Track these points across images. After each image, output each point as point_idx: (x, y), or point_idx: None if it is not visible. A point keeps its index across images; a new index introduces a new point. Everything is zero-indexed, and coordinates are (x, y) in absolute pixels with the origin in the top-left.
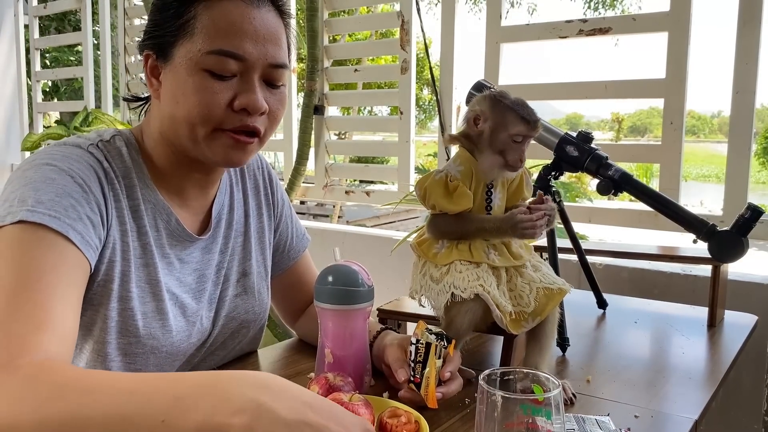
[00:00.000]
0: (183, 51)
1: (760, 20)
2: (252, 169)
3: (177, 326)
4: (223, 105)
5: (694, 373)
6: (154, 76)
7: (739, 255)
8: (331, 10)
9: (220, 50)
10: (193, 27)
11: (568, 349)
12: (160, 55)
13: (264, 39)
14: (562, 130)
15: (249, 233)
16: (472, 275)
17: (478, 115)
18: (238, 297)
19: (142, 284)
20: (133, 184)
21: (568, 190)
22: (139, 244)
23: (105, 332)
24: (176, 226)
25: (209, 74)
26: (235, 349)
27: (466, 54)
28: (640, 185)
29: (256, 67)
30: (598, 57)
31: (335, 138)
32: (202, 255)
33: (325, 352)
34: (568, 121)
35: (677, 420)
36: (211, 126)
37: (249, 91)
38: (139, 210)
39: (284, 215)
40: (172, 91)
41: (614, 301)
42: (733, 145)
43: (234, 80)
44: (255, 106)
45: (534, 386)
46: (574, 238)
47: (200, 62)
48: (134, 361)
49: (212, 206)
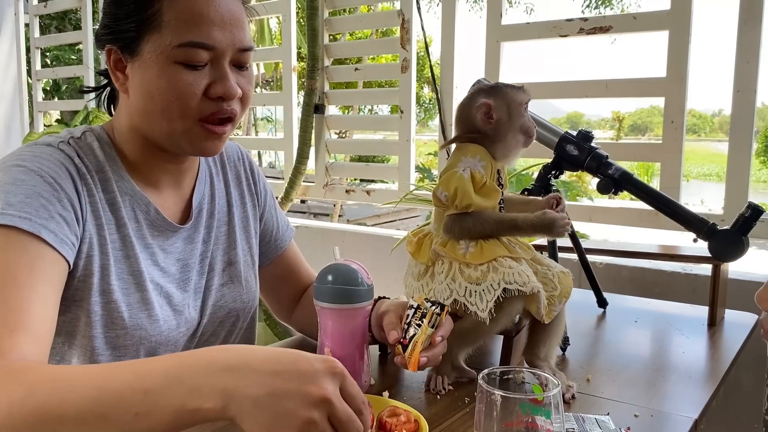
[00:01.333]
0: (151, 45)
1: (760, 19)
2: (233, 161)
3: (164, 315)
4: (199, 95)
5: (694, 372)
6: (119, 71)
7: (740, 254)
8: (331, 9)
9: (190, 42)
10: (159, 20)
11: (568, 348)
12: (125, 50)
13: (230, 25)
14: (562, 129)
15: (233, 222)
16: (525, 270)
17: (489, 108)
18: (225, 286)
19: (124, 276)
20: (107, 177)
21: (569, 189)
22: (118, 236)
23: (90, 327)
24: (156, 216)
25: (182, 66)
26: (228, 341)
27: (467, 53)
28: (640, 184)
29: (225, 53)
30: (599, 56)
31: (336, 137)
32: (185, 245)
33: (325, 351)
34: (568, 119)
35: (677, 419)
36: (189, 118)
37: (223, 79)
38: (115, 202)
39: (268, 205)
40: (145, 87)
41: (614, 300)
42: (734, 143)
43: (206, 69)
44: (230, 92)
45: (533, 386)
46: (575, 237)
47: (171, 55)
48: (124, 354)
49: (192, 196)
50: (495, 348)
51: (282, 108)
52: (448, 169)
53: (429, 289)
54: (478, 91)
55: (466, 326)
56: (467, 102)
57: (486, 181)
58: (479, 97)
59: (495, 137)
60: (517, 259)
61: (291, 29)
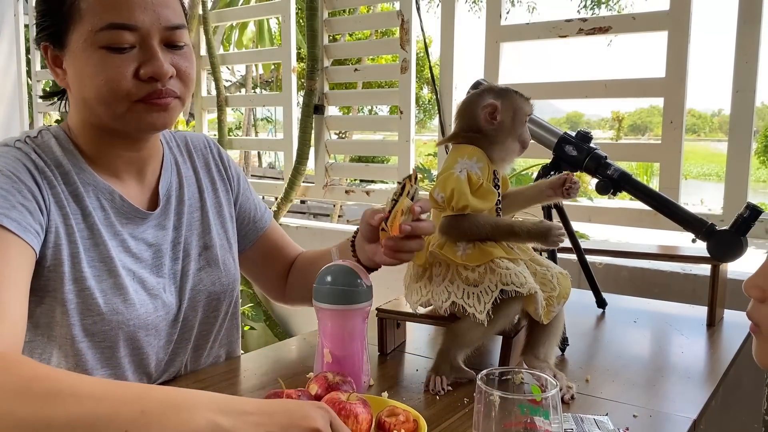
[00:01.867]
0: (77, 35)
1: (760, 19)
2: (199, 149)
3: (139, 299)
4: (129, 77)
5: (694, 372)
6: (57, 66)
7: (738, 254)
8: (331, 10)
9: (110, 24)
10: (79, 9)
11: (567, 349)
12: (57, 44)
13: (152, 4)
14: (561, 130)
15: (205, 208)
16: (522, 271)
17: (495, 109)
18: (202, 270)
19: (95, 263)
20: (66, 170)
21: None
22: (85, 226)
23: (67, 315)
24: (122, 203)
25: (107, 50)
26: (213, 326)
27: (466, 53)
28: (638, 184)
29: (152, 33)
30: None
31: (335, 137)
32: (156, 231)
33: (324, 351)
34: (568, 119)
35: (676, 419)
36: (124, 100)
37: (151, 59)
38: (78, 193)
39: (242, 188)
40: (77, 76)
41: (614, 300)
42: (733, 143)
43: (134, 51)
44: (160, 72)
45: (532, 386)
46: (574, 237)
47: (95, 41)
48: (103, 340)
49: (159, 184)
50: (494, 348)
51: (282, 109)
52: (445, 170)
53: (427, 290)
54: (488, 91)
55: (465, 327)
56: (473, 99)
57: (482, 183)
58: (487, 97)
59: (494, 139)
60: (515, 260)
61: (290, 30)
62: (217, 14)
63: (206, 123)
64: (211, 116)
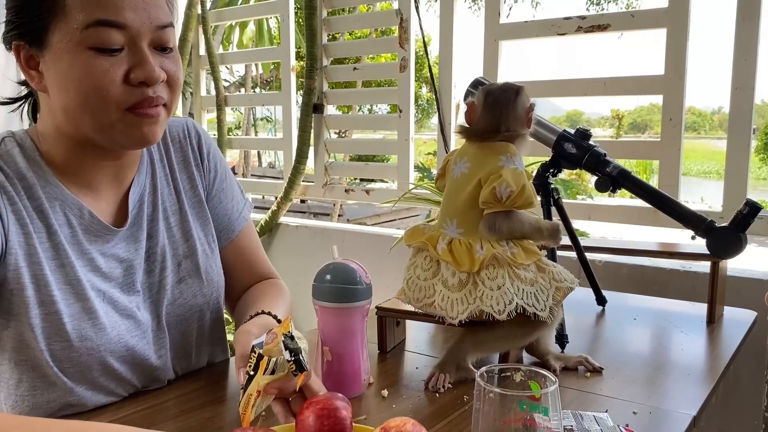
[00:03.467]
0: (59, 33)
1: (758, 16)
2: (177, 141)
3: (110, 322)
4: (118, 81)
5: (693, 369)
6: (32, 68)
7: (738, 251)
8: (330, 9)
9: (98, 20)
10: (63, 4)
11: (567, 346)
12: (34, 44)
13: (144, 2)
14: (560, 127)
15: (184, 209)
16: (562, 268)
17: (532, 109)
18: (182, 282)
19: (62, 286)
20: (31, 184)
21: (568, 188)
22: (50, 245)
23: (35, 341)
24: (91, 220)
25: (95, 51)
26: (201, 335)
27: (465, 51)
28: (638, 182)
29: (142, 34)
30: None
31: (335, 136)
32: (127, 245)
33: (324, 350)
34: (568, 118)
35: (676, 416)
36: (113, 109)
37: (143, 62)
38: (43, 209)
39: (216, 187)
40: (59, 81)
41: (613, 297)
42: (733, 141)
43: (123, 53)
44: (152, 76)
45: (531, 383)
46: (574, 235)
47: (82, 40)
48: (74, 366)
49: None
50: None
51: (281, 108)
52: (494, 166)
53: (475, 297)
54: (520, 89)
55: (495, 336)
56: (515, 100)
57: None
58: (526, 98)
59: (524, 141)
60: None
61: (290, 29)
62: (217, 14)
63: (206, 123)
64: (210, 116)
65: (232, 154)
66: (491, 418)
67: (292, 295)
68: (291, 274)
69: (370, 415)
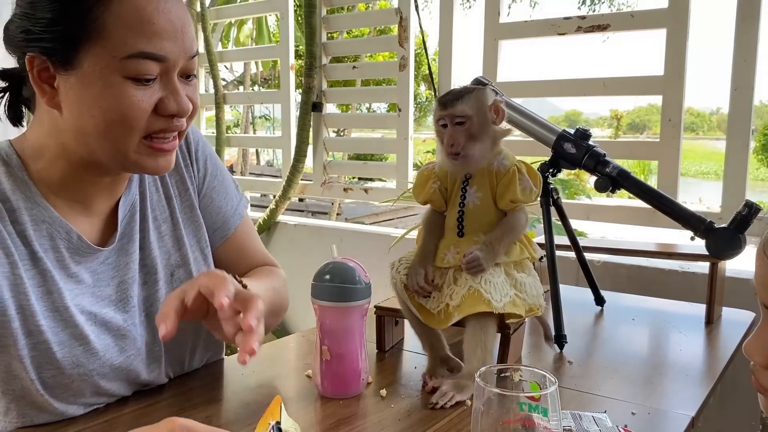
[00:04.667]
0: (94, 57)
1: (758, 17)
2: None
3: (103, 346)
4: (148, 112)
5: (692, 369)
6: (45, 82)
7: (737, 252)
8: (329, 7)
9: (141, 53)
10: (101, 28)
11: (566, 346)
12: (58, 61)
13: (181, 32)
14: (559, 127)
15: (175, 216)
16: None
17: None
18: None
19: (48, 314)
20: (16, 207)
21: (567, 187)
22: (36, 272)
23: (24, 371)
24: (79, 243)
25: (131, 81)
26: (197, 342)
27: (464, 51)
28: (637, 182)
29: (177, 65)
30: (597, 54)
31: (333, 135)
32: (118, 259)
33: (322, 349)
34: (567, 118)
35: (674, 416)
36: (134, 136)
37: (175, 94)
38: (27, 235)
39: (207, 186)
40: (84, 104)
41: (612, 298)
42: (732, 142)
43: (155, 83)
44: (184, 108)
45: (531, 383)
46: (572, 235)
47: (119, 69)
48: (64, 392)
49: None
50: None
51: (280, 106)
52: (511, 161)
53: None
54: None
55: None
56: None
57: None
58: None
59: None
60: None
61: (289, 27)
62: (216, 11)
63: (204, 121)
64: (209, 114)
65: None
66: (490, 418)
67: (290, 293)
68: (289, 272)
69: (369, 415)
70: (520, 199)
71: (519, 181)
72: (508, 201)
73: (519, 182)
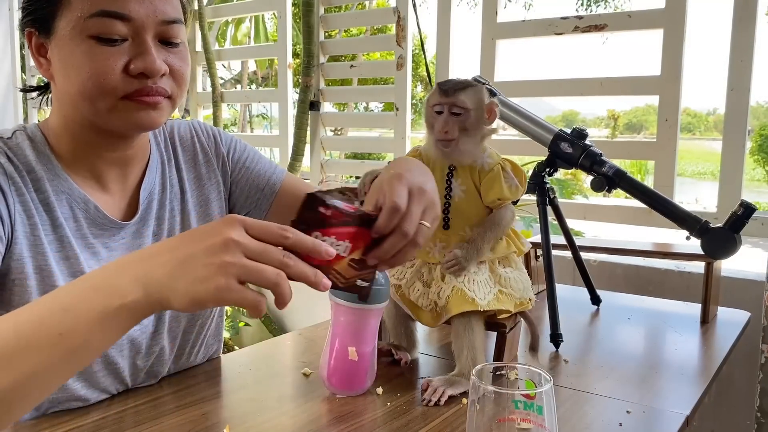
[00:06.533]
0: (64, 21)
1: (754, 17)
2: (185, 141)
3: None
4: (117, 71)
5: (687, 369)
6: (41, 55)
7: (732, 252)
8: (327, 6)
9: (101, 11)
10: None
11: (562, 345)
12: (42, 31)
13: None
14: (556, 127)
15: (186, 210)
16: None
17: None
18: None
19: (66, 277)
20: (38, 177)
21: (564, 187)
22: (55, 237)
23: None
24: (96, 213)
25: (96, 40)
26: (201, 332)
27: (462, 50)
28: (633, 182)
29: (146, 26)
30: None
31: (331, 134)
32: (133, 240)
33: (349, 350)
34: (564, 118)
35: (669, 415)
36: (110, 96)
37: (143, 54)
38: (49, 202)
39: (240, 161)
40: (62, 67)
41: (608, 297)
42: (728, 142)
43: (126, 44)
44: (152, 68)
45: (526, 381)
46: (569, 234)
47: (84, 29)
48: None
49: (140, 188)
50: (488, 344)
51: (277, 105)
52: (496, 159)
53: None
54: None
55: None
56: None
57: None
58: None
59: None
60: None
61: (287, 26)
62: (213, 10)
63: (202, 119)
64: (206, 112)
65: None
66: (485, 416)
67: (295, 290)
68: None
69: (365, 412)
70: (507, 196)
71: (504, 179)
72: (494, 198)
73: (504, 180)
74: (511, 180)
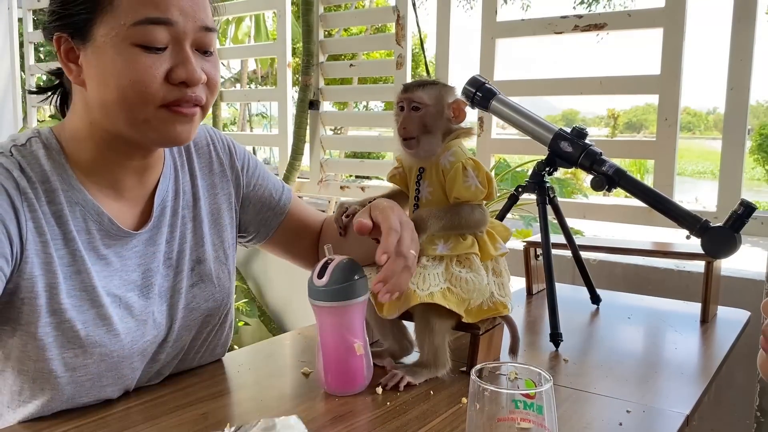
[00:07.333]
0: (105, 28)
1: (754, 17)
2: (202, 148)
3: (125, 328)
4: (159, 79)
5: (687, 368)
6: (70, 61)
7: (732, 251)
8: (326, 5)
9: (147, 18)
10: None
11: (561, 344)
12: (76, 36)
13: (191, 2)
14: (556, 126)
15: (199, 218)
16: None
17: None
18: (195, 287)
19: (75, 293)
20: (53, 188)
21: (563, 186)
22: (67, 252)
23: (44, 350)
24: (110, 225)
25: (140, 48)
26: (207, 340)
27: (462, 49)
28: (633, 181)
29: (187, 33)
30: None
31: (330, 133)
32: (146, 248)
33: (355, 346)
34: (564, 117)
35: (669, 415)
36: (149, 104)
37: (185, 62)
38: (62, 215)
39: (253, 176)
40: (100, 74)
41: (608, 296)
42: (728, 141)
43: (166, 52)
44: (194, 77)
45: (526, 381)
46: (568, 233)
47: (127, 36)
48: (84, 374)
49: (154, 195)
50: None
51: (277, 104)
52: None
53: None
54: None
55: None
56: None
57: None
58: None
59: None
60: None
61: (286, 25)
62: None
63: None
64: None
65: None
66: (485, 415)
67: (288, 291)
68: (286, 270)
69: (364, 412)
70: (465, 196)
71: (464, 178)
72: (453, 198)
73: (464, 180)
74: (471, 180)
